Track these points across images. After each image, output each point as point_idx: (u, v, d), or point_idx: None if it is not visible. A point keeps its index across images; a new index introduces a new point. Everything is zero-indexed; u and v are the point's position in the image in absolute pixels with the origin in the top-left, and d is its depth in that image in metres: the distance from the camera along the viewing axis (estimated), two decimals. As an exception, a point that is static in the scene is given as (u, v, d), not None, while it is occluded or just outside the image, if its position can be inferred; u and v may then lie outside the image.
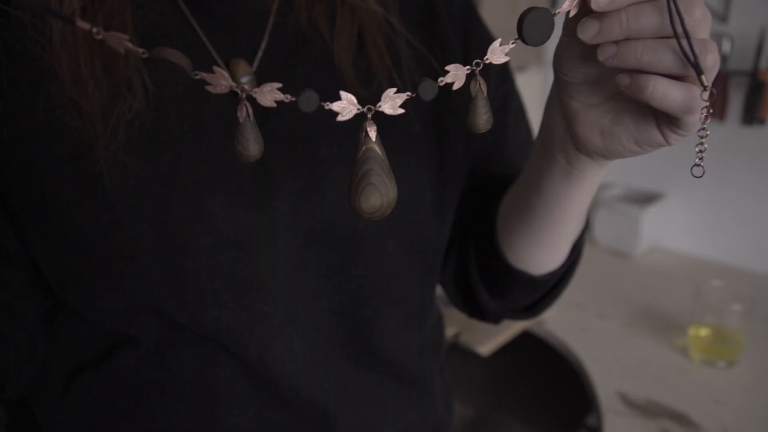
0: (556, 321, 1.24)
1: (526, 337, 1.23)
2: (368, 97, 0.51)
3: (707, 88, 0.35)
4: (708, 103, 0.36)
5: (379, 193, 0.35)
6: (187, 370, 0.53)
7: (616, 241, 1.56)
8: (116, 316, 0.51)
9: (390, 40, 0.56)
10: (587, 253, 1.56)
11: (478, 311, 0.68)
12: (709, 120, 0.37)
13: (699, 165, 0.38)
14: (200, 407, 0.53)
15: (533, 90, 1.66)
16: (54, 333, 0.56)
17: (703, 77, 0.35)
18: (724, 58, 1.40)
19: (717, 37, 1.39)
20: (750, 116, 1.37)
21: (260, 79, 0.51)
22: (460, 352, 1.16)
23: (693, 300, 1.14)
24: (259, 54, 0.52)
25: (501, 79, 0.64)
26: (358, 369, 0.58)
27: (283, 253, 0.51)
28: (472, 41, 0.61)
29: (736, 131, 1.43)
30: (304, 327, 0.54)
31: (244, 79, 0.50)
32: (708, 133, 0.38)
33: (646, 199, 1.59)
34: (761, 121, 1.37)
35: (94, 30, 0.30)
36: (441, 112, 0.58)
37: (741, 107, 1.39)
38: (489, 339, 1.15)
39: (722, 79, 1.41)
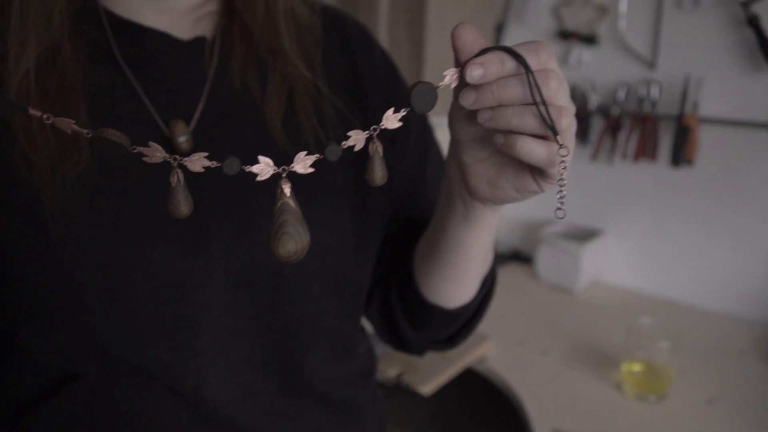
0: (497, 358, 1.32)
1: (468, 374, 1.31)
2: (296, 152, 0.60)
3: (562, 146, 0.45)
4: (564, 158, 0.46)
5: (294, 240, 0.44)
6: (129, 404, 0.60)
7: (557, 277, 1.67)
8: (63, 353, 0.58)
9: (316, 101, 0.65)
10: (531, 288, 1.67)
11: (402, 344, 0.77)
12: (566, 171, 0.47)
13: (561, 208, 0.47)
14: None
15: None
16: (1, 372, 0.62)
17: (558, 137, 0.45)
18: (653, 103, 1.55)
19: (646, 84, 1.54)
20: (678, 158, 1.50)
21: (197, 138, 0.60)
22: (403, 392, 1.23)
23: (625, 336, 1.24)
24: (196, 115, 0.61)
25: (421, 134, 0.74)
26: (290, 400, 0.65)
27: (217, 295, 0.59)
28: (394, 101, 0.71)
29: (666, 171, 1.57)
30: (236, 362, 0.62)
31: (182, 138, 0.59)
32: (566, 182, 0.47)
33: (585, 235, 1.71)
34: (689, 162, 1.51)
35: (45, 116, 0.38)
36: (363, 166, 0.67)
37: (670, 149, 1.53)
38: (431, 378, 1.22)
39: (652, 123, 1.55)
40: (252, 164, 0.43)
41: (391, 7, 1.64)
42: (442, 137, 0.79)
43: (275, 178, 0.44)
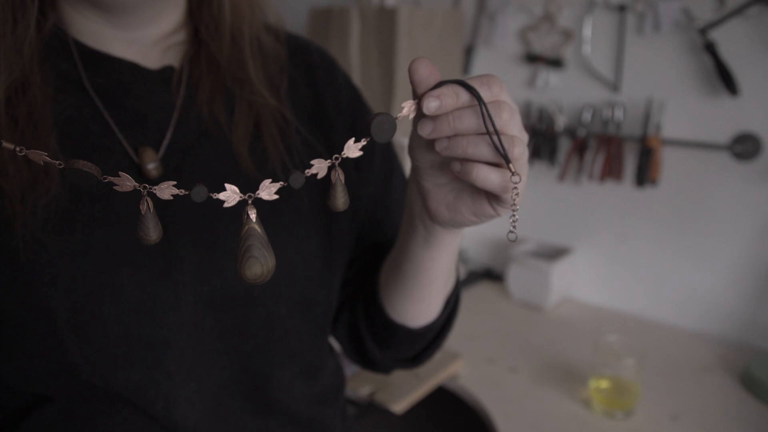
0: (469, 376, 1.34)
1: (440, 392, 1.32)
2: (263, 178, 0.62)
3: (514, 173, 0.48)
4: (516, 184, 0.49)
5: (260, 263, 0.46)
6: (100, 426, 0.61)
7: (528, 295, 1.71)
8: (33, 377, 0.59)
9: (282, 129, 0.68)
10: (502, 306, 1.70)
11: (369, 363, 0.79)
12: (519, 197, 0.49)
13: (513, 231, 0.50)
14: None
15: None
16: None
17: (511, 165, 0.48)
18: (617, 125, 1.60)
19: (610, 106, 1.59)
20: (642, 178, 1.55)
21: (165, 165, 0.62)
22: (375, 411, 1.25)
23: (593, 353, 1.27)
24: (165, 143, 0.63)
25: (385, 157, 0.77)
26: (260, 420, 0.67)
27: (186, 318, 0.61)
28: (358, 127, 0.74)
29: (631, 191, 1.61)
30: (206, 383, 0.63)
31: (151, 166, 0.61)
32: (518, 207, 0.50)
33: (555, 253, 1.75)
34: (652, 182, 1.55)
35: (18, 149, 0.40)
36: (328, 190, 0.70)
37: (634, 169, 1.58)
38: (403, 397, 1.23)
39: (617, 144, 1.60)
40: (219, 191, 0.45)
41: (362, 33, 1.68)
42: (407, 162, 0.82)
43: (242, 204, 0.46)
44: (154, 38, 0.66)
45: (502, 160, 0.48)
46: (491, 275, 1.90)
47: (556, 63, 1.69)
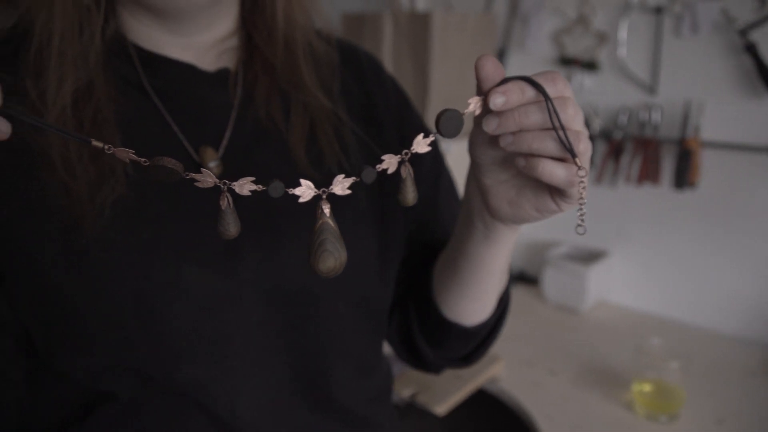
0: (509, 379, 1.34)
1: (481, 395, 1.33)
2: (320, 178, 0.63)
3: (581, 167, 0.49)
4: (583, 178, 0.49)
5: (333, 257, 0.47)
6: (162, 423, 0.63)
7: (564, 298, 1.70)
8: (99, 374, 0.61)
9: (337, 129, 0.69)
10: (538, 309, 1.70)
11: (420, 362, 0.80)
12: (585, 191, 0.50)
13: (581, 225, 0.51)
14: None
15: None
16: (36, 393, 0.65)
17: (576, 159, 0.49)
18: (655, 127, 1.59)
19: (647, 108, 1.59)
20: (681, 181, 1.54)
21: (225, 164, 0.64)
22: (417, 412, 1.25)
23: (635, 356, 1.27)
24: (224, 142, 0.65)
25: (433, 160, 0.78)
26: (316, 415, 0.68)
27: (248, 314, 0.62)
28: (406, 128, 0.75)
29: (669, 194, 1.60)
30: (267, 379, 0.64)
31: (212, 164, 0.63)
32: (585, 201, 0.51)
33: (591, 256, 1.74)
34: (691, 184, 1.54)
35: (106, 147, 0.42)
36: (383, 191, 0.71)
37: (673, 172, 1.57)
38: (445, 398, 1.24)
39: (654, 147, 1.59)
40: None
41: (395, 38, 1.69)
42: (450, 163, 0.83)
43: (315, 200, 0.47)
44: (209, 43, 0.68)
45: (566, 154, 0.49)
46: (525, 278, 1.90)
47: (590, 66, 1.69)
